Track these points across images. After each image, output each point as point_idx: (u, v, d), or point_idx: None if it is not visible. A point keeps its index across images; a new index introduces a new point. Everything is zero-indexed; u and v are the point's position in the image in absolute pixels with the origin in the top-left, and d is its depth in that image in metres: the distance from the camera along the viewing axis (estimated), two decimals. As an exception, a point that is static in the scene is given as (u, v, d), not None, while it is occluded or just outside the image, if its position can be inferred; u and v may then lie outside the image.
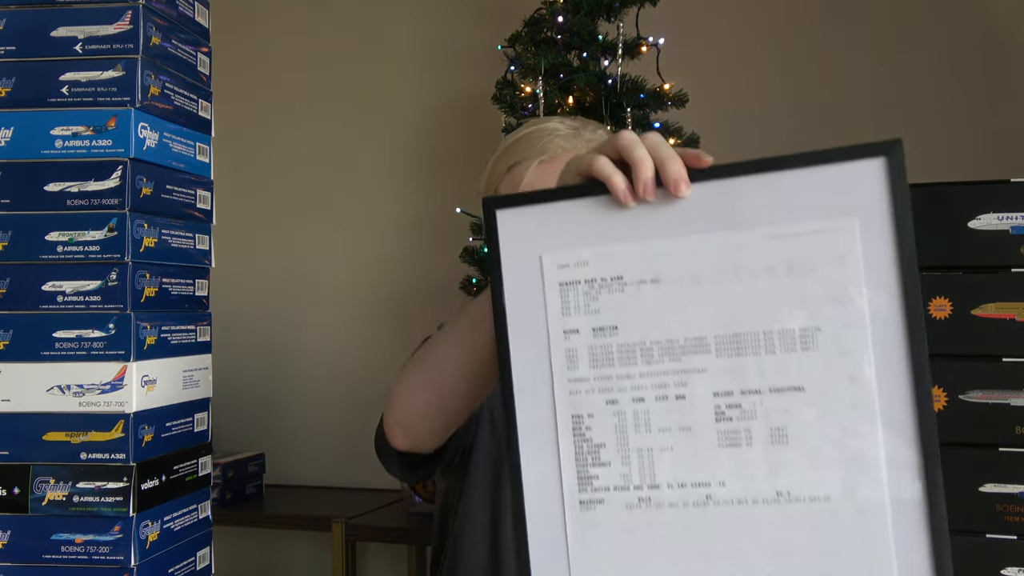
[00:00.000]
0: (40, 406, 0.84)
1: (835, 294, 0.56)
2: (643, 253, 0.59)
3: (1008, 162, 2.31)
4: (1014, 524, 0.71)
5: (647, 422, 0.59)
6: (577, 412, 0.60)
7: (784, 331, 0.57)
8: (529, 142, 1.03)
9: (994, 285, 0.72)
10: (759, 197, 0.57)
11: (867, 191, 0.55)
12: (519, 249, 0.61)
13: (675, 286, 0.59)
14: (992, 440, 0.72)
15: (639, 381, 0.59)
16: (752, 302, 0.57)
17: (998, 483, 0.71)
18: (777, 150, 0.57)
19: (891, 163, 0.55)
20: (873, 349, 0.55)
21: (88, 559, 0.82)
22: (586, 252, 0.60)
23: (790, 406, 0.57)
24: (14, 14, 0.87)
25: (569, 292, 0.61)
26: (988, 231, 0.72)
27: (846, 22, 2.54)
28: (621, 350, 0.60)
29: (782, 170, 0.57)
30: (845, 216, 0.56)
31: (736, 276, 0.58)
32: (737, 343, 0.58)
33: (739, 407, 0.58)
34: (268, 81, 3.00)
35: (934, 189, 0.74)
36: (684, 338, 0.59)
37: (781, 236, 0.57)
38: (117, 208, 0.84)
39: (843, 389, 0.56)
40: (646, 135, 0.61)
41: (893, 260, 0.55)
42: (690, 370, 0.59)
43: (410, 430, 0.85)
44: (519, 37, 2.28)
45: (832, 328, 0.56)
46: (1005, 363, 0.72)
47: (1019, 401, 0.71)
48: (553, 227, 0.61)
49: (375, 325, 2.90)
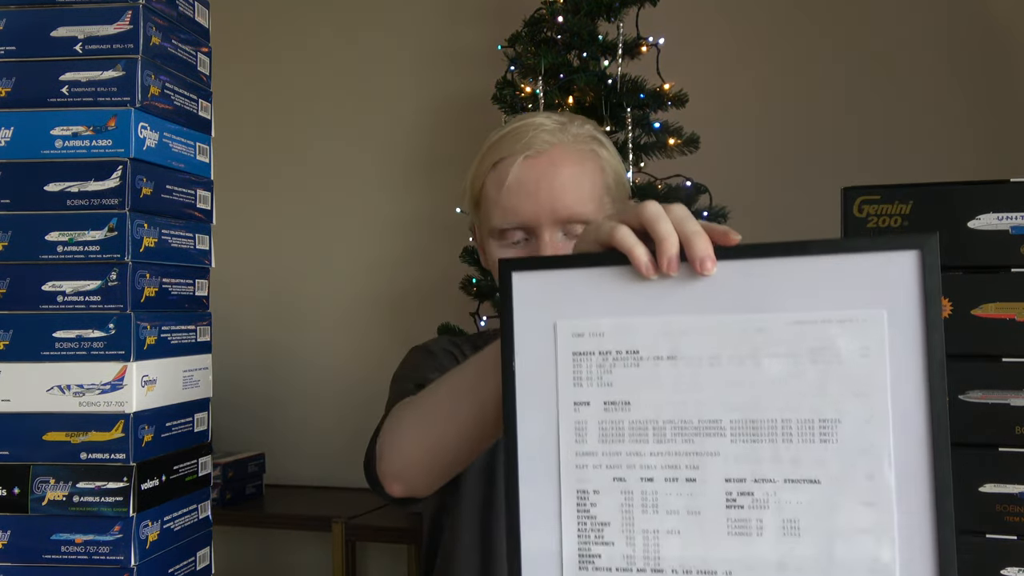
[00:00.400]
0: (40, 406, 0.84)
1: (858, 387, 0.54)
2: (661, 328, 0.58)
3: (1008, 162, 2.31)
4: (1014, 524, 0.71)
5: (655, 503, 0.57)
6: (583, 488, 0.59)
7: (803, 421, 0.55)
8: (514, 137, 1.01)
9: (994, 285, 0.72)
10: (786, 280, 0.56)
11: (898, 283, 0.54)
12: (533, 314, 0.60)
13: (693, 365, 0.57)
14: (992, 440, 0.72)
15: (649, 460, 0.58)
16: (771, 388, 0.56)
17: (998, 483, 0.71)
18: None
19: (924, 257, 0.54)
20: (895, 449, 0.53)
21: (88, 559, 0.82)
22: (602, 322, 0.59)
23: (804, 499, 0.55)
24: (14, 14, 0.87)
25: (582, 362, 0.59)
26: (988, 231, 0.72)
27: (846, 22, 2.54)
28: (632, 427, 0.58)
29: (811, 255, 0.55)
30: (873, 307, 0.54)
31: (756, 360, 0.56)
32: (753, 429, 0.56)
33: (751, 495, 0.56)
34: (269, 81, 3.00)
35: (934, 189, 0.74)
36: (699, 420, 0.57)
37: (805, 322, 0.55)
38: (117, 208, 0.84)
39: (861, 487, 0.54)
40: (671, 208, 0.59)
41: (920, 358, 0.53)
42: (703, 453, 0.57)
43: (409, 482, 0.83)
44: (519, 37, 2.28)
45: (853, 422, 0.54)
46: (1005, 363, 0.72)
47: (1019, 401, 0.71)
48: (570, 294, 0.59)
49: (375, 325, 2.90)
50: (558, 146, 1.00)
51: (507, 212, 1.00)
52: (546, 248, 0.98)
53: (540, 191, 0.98)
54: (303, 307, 2.98)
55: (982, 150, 2.39)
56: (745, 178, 2.48)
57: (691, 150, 2.19)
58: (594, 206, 1.00)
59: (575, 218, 0.99)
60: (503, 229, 1.01)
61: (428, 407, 0.80)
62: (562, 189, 0.98)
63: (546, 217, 0.98)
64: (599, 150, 1.04)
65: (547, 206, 0.98)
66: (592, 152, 1.02)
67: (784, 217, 2.48)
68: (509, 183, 0.99)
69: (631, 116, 2.12)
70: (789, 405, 0.55)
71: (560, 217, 0.98)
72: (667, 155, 2.19)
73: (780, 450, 0.55)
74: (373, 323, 2.91)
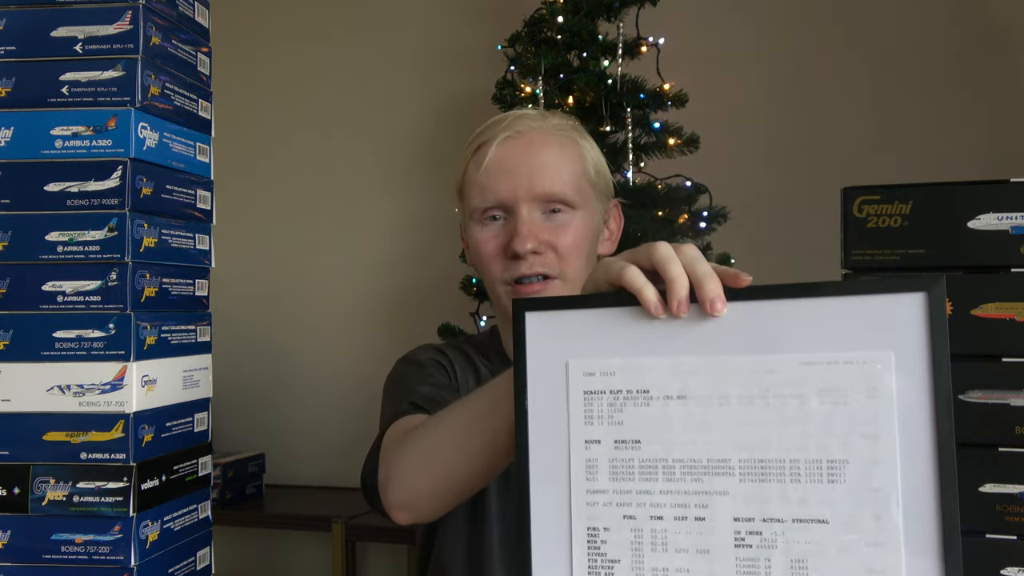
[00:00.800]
0: (40, 406, 0.84)
1: (866, 428, 0.55)
2: (672, 368, 0.58)
3: (1008, 162, 2.31)
4: (1014, 524, 0.71)
5: (664, 541, 0.58)
6: (593, 525, 0.59)
7: (811, 461, 0.56)
8: (496, 123, 1.04)
9: (994, 285, 0.72)
10: (794, 322, 0.56)
11: (905, 325, 0.54)
12: (545, 353, 0.61)
13: (702, 405, 0.58)
14: (992, 440, 0.72)
15: (659, 499, 0.58)
16: (780, 428, 0.56)
17: (998, 483, 0.71)
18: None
19: (932, 299, 0.54)
20: (903, 490, 0.54)
21: (88, 559, 0.82)
22: (613, 362, 0.60)
23: (812, 538, 0.55)
24: (14, 14, 0.87)
25: (593, 401, 0.60)
26: (988, 231, 0.72)
27: (846, 22, 2.54)
28: (642, 465, 0.59)
29: (819, 296, 0.56)
30: (881, 349, 0.55)
31: (765, 400, 0.57)
32: (762, 469, 0.57)
33: (760, 534, 0.56)
34: (269, 81, 3.00)
35: (934, 189, 0.74)
36: (708, 459, 0.58)
37: (813, 363, 0.56)
38: (117, 208, 0.84)
39: (869, 527, 0.54)
40: (682, 248, 0.60)
41: (928, 399, 0.54)
42: (712, 492, 0.57)
43: (417, 511, 0.83)
44: (519, 37, 2.28)
45: (861, 463, 0.55)
46: (1005, 363, 0.71)
47: (1019, 401, 0.71)
48: (581, 334, 0.60)
49: (375, 325, 2.90)
50: (537, 130, 1.02)
51: (485, 190, 1.01)
52: (523, 224, 0.98)
53: (519, 168, 0.99)
54: (303, 307, 2.98)
55: (982, 150, 2.39)
56: (745, 178, 2.48)
57: (691, 150, 2.19)
58: (572, 188, 1.01)
59: (553, 197, 1.00)
60: (483, 208, 1.02)
61: (437, 438, 0.80)
62: (540, 167, 1.00)
63: (524, 194, 0.99)
64: (580, 140, 1.05)
65: (525, 183, 0.99)
66: (572, 139, 1.04)
67: (784, 217, 2.49)
68: (488, 162, 1.01)
69: (631, 116, 2.12)
70: (797, 445, 0.56)
71: (537, 194, 0.99)
72: (667, 155, 2.20)
73: (788, 490, 0.56)
74: (373, 323, 2.91)
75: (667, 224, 2.10)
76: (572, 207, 1.01)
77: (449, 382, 1.08)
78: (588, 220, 1.03)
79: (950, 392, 0.53)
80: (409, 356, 1.13)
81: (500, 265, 1.01)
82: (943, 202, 0.73)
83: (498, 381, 0.75)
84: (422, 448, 0.81)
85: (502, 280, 1.01)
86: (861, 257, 0.77)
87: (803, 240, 2.31)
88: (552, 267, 0.99)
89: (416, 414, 0.96)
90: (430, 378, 1.05)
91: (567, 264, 1.00)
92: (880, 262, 0.75)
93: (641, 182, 2.15)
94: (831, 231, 0.86)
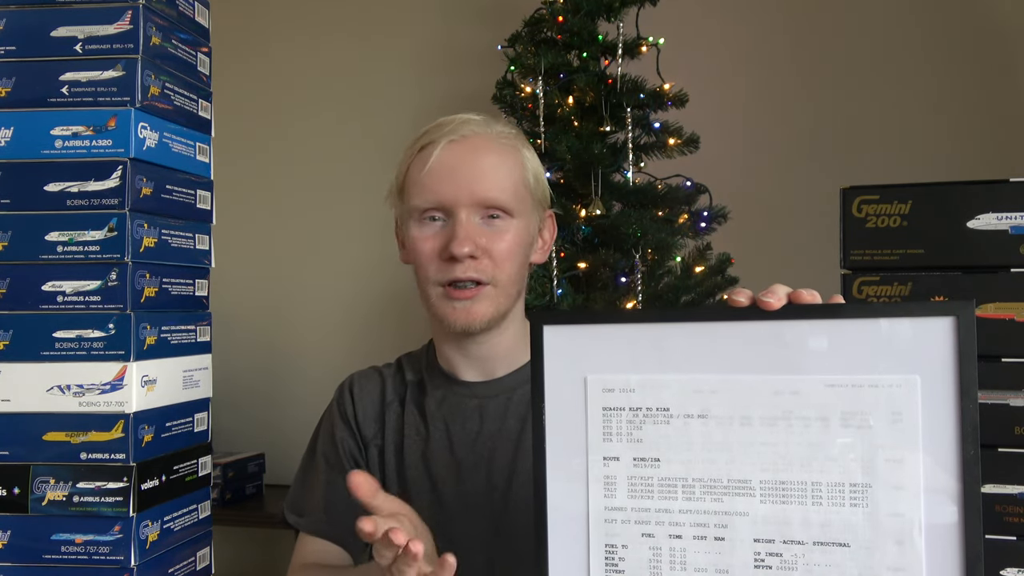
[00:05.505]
0: (40, 406, 0.84)
1: (890, 452, 0.54)
2: (692, 386, 0.58)
3: (1008, 162, 2.31)
4: (1014, 525, 0.71)
5: (683, 560, 0.58)
6: (611, 542, 0.59)
7: (833, 484, 0.55)
8: (440, 126, 1.06)
9: (994, 285, 0.72)
10: (820, 343, 0.56)
11: (932, 349, 0.54)
12: (564, 367, 0.60)
13: (723, 424, 0.57)
14: (992, 440, 0.72)
15: (678, 517, 0.58)
16: (802, 450, 0.56)
17: (997, 483, 0.71)
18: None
19: (960, 323, 0.53)
20: (925, 516, 0.53)
21: (88, 559, 0.82)
22: (633, 379, 0.59)
23: (833, 561, 0.55)
24: (14, 14, 0.87)
25: (612, 418, 0.60)
26: (988, 231, 0.72)
27: (846, 22, 2.54)
28: (662, 483, 0.59)
29: (846, 318, 0.56)
30: (907, 372, 0.54)
31: (788, 421, 0.56)
32: (783, 490, 0.56)
33: (780, 556, 0.56)
34: (269, 81, 3.00)
35: (933, 189, 0.74)
36: (728, 479, 0.57)
37: (838, 385, 0.56)
38: (117, 208, 0.84)
39: (890, 552, 0.54)
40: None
41: (954, 424, 0.53)
42: (732, 512, 0.57)
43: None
44: (519, 37, 2.28)
45: (884, 487, 0.54)
46: (1005, 363, 0.72)
47: (1018, 401, 0.71)
48: (601, 349, 0.60)
49: (375, 324, 2.90)
50: (482, 136, 1.04)
51: (427, 191, 1.02)
52: (461, 228, 1.00)
53: (460, 173, 1.01)
54: (303, 307, 2.98)
55: (982, 150, 2.39)
56: (745, 178, 2.48)
57: (691, 150, 2.19)
58: (512, 196, 1.03)
59: (493, 203, 1.02)
60: (423, 208, 1.03)
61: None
62: (482, 173, 1.02)
63: (465, 199, 1.01)
64: (521, 148, 1.08)
65: (466, 188, 1.01)
66: (514, 147, 1.07)
67: (784, 217, 2.48)
68: (431, 164, 1.02)
69: (631, 116, 2.12)
70: (820, 468, 0.56)
71: (478, 199, 1.01)
72: (667, 155, 2.19)
73: (810, 512, 0.56)
74: (373, 323, 2.91)
75: (667, 224, 2.09)
76: (510, 214, 1.03)
77: (338, 461, 1.13)
78: (524, 228, 1.05)
79: (976, 416, 0.53)
80: (316, 431, 1.21)
81: (435, 266, 1.02)
82: (942, 202, 0.73)
83: (371, 566, 0.79)
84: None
85: (436, 281, 1.03)
86: (860, 257, 0.77)
87: (803, 240, 2.31)
88: (486, 272, 1.01)
89: (314, 539, 1.13)
90: (326, 473, 1.14)
91: (500, 270, 1.02)
92: (879, 262, 0.75)
93: (641, 182, 2.15)
94: (831, 231, 0.86)
